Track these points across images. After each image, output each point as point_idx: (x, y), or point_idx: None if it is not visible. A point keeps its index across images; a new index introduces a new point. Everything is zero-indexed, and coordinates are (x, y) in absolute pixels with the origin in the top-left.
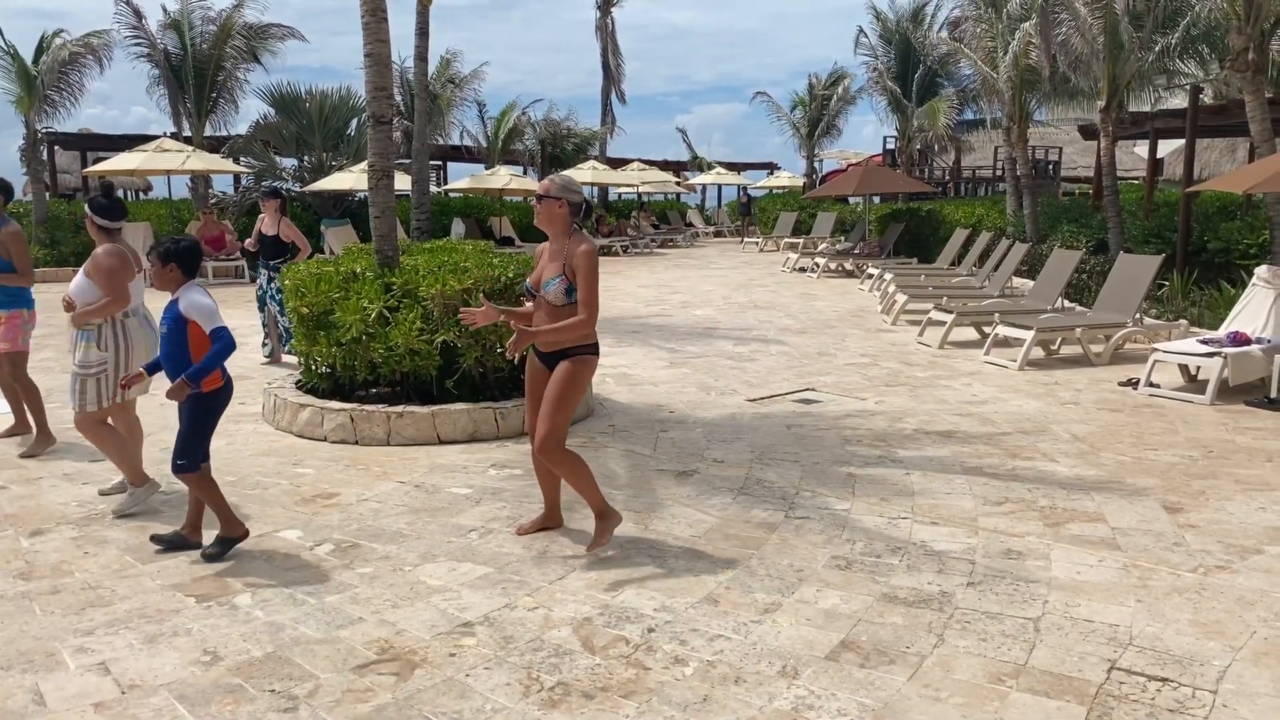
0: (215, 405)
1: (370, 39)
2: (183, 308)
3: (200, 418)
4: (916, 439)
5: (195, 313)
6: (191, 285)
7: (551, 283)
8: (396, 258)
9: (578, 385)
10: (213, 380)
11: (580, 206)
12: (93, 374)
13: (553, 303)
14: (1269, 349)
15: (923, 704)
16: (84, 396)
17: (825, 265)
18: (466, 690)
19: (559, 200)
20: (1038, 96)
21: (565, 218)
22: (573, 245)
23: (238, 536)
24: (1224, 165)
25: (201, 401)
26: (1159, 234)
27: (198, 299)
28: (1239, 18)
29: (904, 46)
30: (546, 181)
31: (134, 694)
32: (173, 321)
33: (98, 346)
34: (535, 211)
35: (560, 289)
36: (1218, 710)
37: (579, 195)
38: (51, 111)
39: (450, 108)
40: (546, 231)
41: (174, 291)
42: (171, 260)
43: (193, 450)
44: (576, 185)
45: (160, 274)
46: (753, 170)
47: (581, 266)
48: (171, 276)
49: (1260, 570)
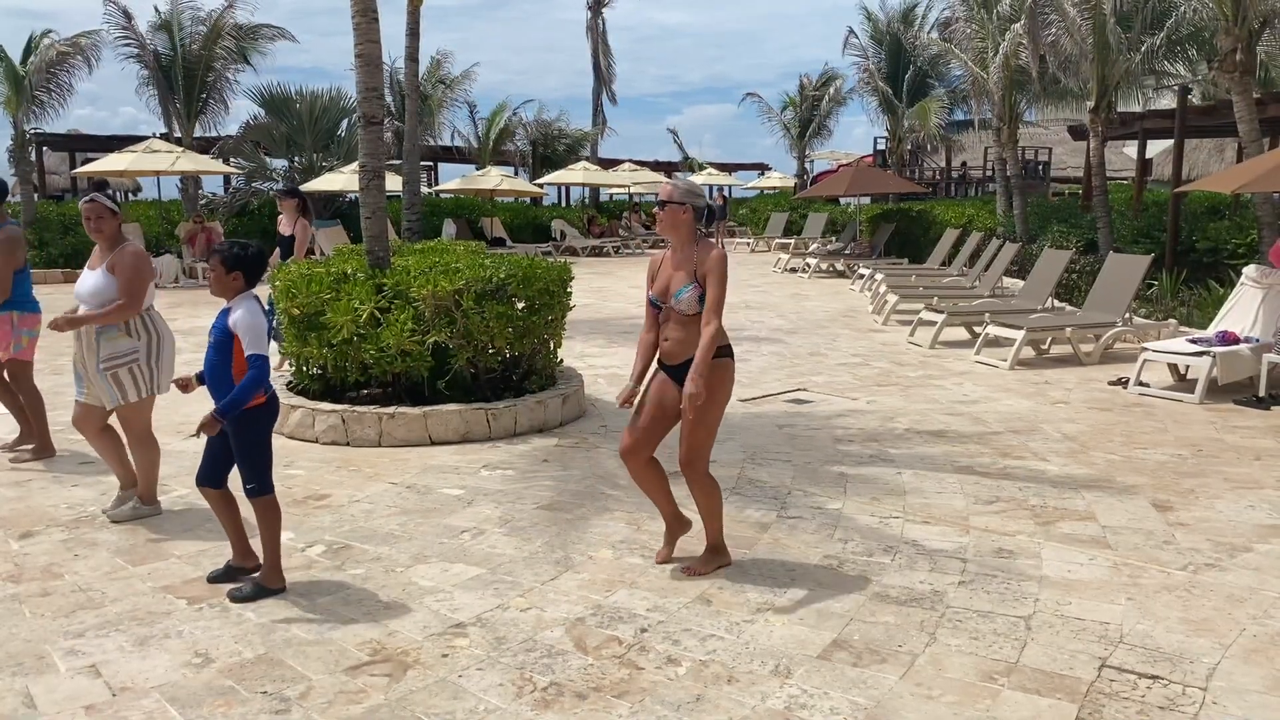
0: (261, 421)
1: (361, 39)
2: (232, 321)
3: (251, 436)
4: (908, 438)
5: (242, 329)
6: (248, 296)
7: (684, 291)
8: (388, 258)
9: (716, 396)
10: (255, 397)
11: (704, 211)
12: (124, 363)
13: (685, 311)
14: (1257, 348)
15: (915, 702)
16: (123, 389)
17: (816, 265)
18: (459, 691)
19: (683, 206)
20: (1028, 97)
21: (690, 224)
22: (702, 252)
23: (275, 590)
24: (1212, 165)
25: (244, 420)
26: (1148, 234)
27: (250, 316)
28: (1227, 18)
29: (895, 47)
30: (669, 186)
31: (125, 696)
32: (220, 333)
33: (127, 334)
34: (658, 218)
35: (694, 296)
36: (1208, 707)
37: (703, 200)
38: (40, 112)
39: (441, 108)
40: (669, 238)
41: (230, 300)
42: (238, 268)
43: (258, 471)
44: (699, 189)
45: (221, 280)
46: (744, 171)
47: (715, 271)
48: (234, 285)
49: (1249, 568)
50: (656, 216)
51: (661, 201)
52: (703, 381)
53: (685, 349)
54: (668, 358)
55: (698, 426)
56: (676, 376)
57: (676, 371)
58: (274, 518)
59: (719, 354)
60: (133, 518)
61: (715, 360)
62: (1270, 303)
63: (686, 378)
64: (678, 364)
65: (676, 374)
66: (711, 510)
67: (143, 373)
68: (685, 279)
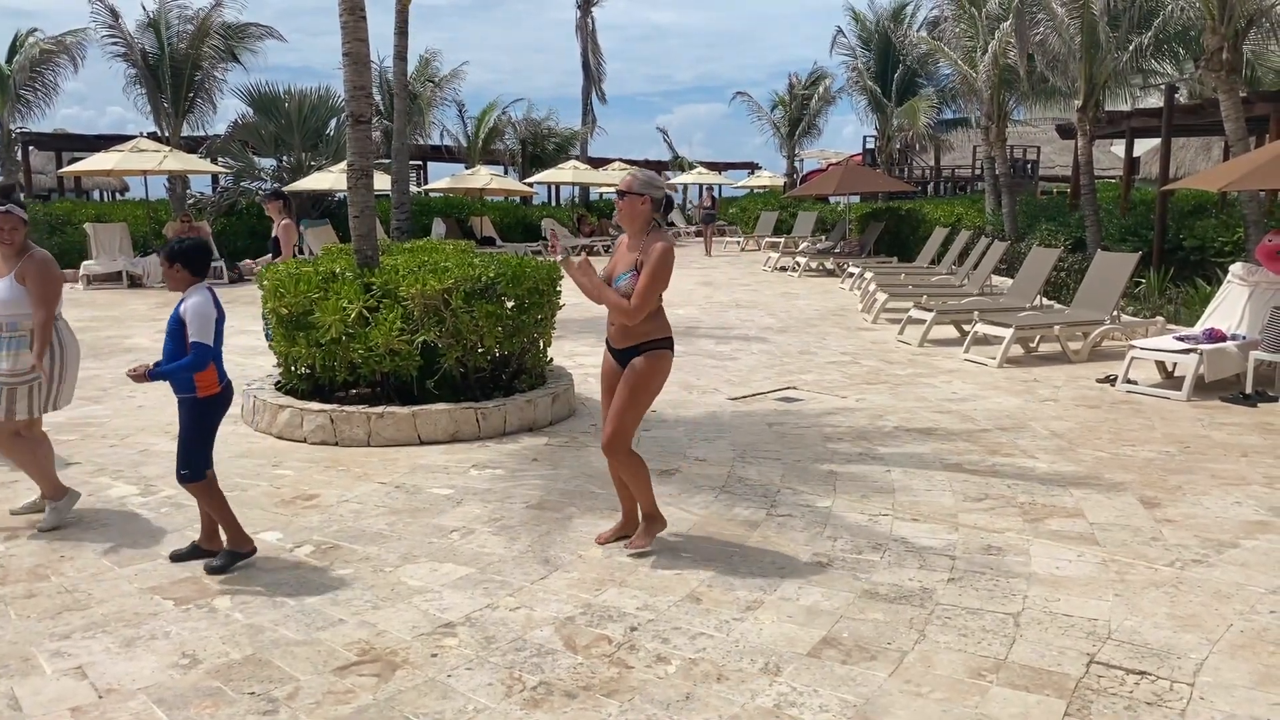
0: (211, 412)
1: (349, 38)
2: (183, 309)
3: (197, 424)
4: (897, 436)
5: (190, 316)
6: (201, 287)
7: (623, 278)
8: (376, 258)
9: (649, 384)
10: (209, 386)
11: (662, 202)
12: (25, 381)
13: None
14: (1244, 345)
15: (904, 699)
16: (13, 404)
17: (806, 264)
18: (448, 691)
19: (641, 196)
20: (1016, 96)
21: (647, 214)
22: (649, 242)
23: (246, 552)
24: (1199, 164)
25: (196, 408)
26: (1135, 232)
27: (201, 304)
28: (1213, 18)
29: (883, 46)
30: (629, 177)
31: (111, 698)
32: (174, 323)
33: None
34: (617, 207)
35: (631, 284)
36: (1195, 702)
37: (661, 191)
38: (25, 111)
39: (430, 107)
40: (626, 228)
41: (183, 291)
42: (177, 260)
43: (194, 458)
44: (659, 181)
45: (168, 273)
46: (734, 170)
47: (650, 260)
48: (179, 277)
49: (1236, 564)
50: (616, 206)
51: (621, 191)
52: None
53: (627, 335)
54: (613, 340)
55: (629, 409)
56: (620, 360)
57: (620, 355)
58: (215, 498)
59: (659, 345)
60: (58, 519)
61: (654, 351)
62: (1256, 300)
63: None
64: (621, 348)
65: (620, 357)
66: (640, 485)
67: (39, 392)
68: (628, 266)
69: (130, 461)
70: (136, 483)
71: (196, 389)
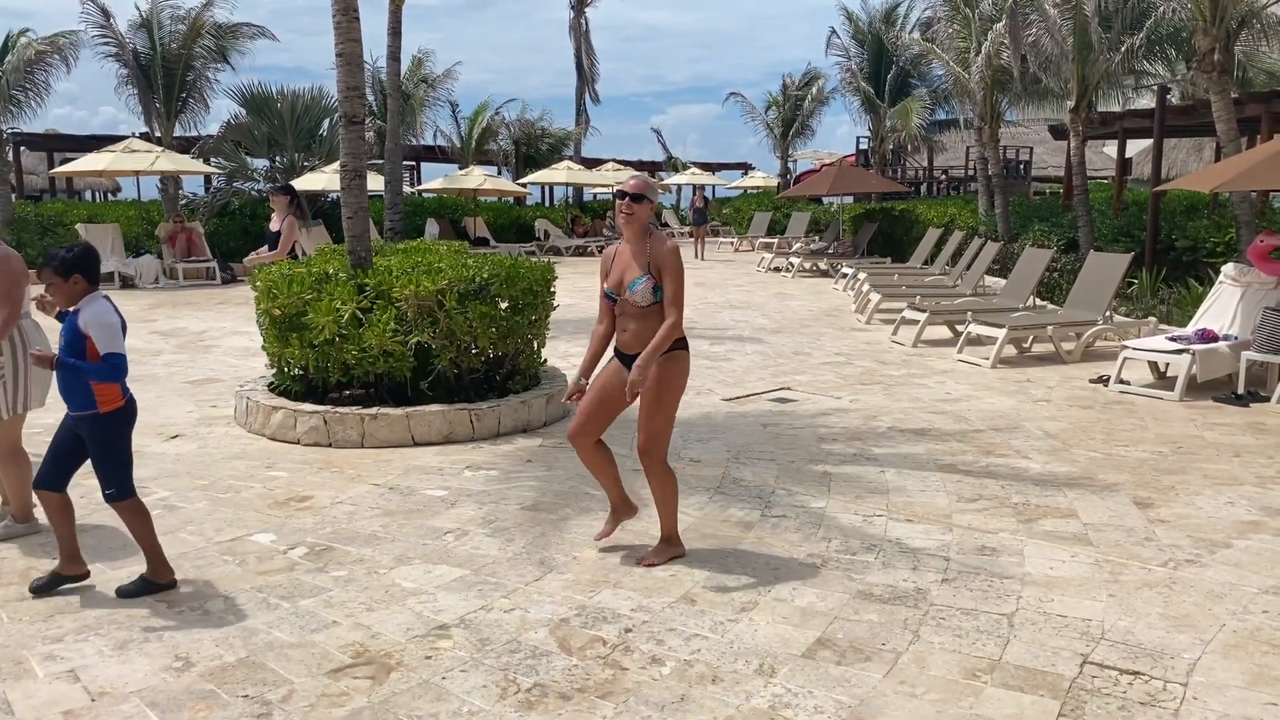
0: (117, 426)
1: (342, 38)
2: (82, 321)
3: (106, 443)
4: (891, 437)
5: (95, 329)
6: (96, 296)
7: (638, 283)
8: (370, 258)
9: (673, 385)
10: (111, 400)
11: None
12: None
13: (639, 303)
14: (1236, 346)
15: (899, 700)
16: None
17: (800, 265)
18: (443, 693)
19: (650, 202)
20: (1009, 97)
21: (646, 218)
22: (655, 244)
23: (164, 584)
24: (1191, 165)
25: (99, 425)
26: (1128, 232)
27: (102, 314)
28: (1205, 19)
29: (876, 47)
30: (638, 181)
31: (104, 701)
32: (70, 334)
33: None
34: (621, 210)
35: (648, 288)
36: (1188, 702)
37: (659, 195)
38: (17, 111)
39: (423, 108)
40: (628, 231)
41: (76, 303)
42: (75, 271)
43: (116, 476)
44: (656, 185)
45: (62, 289)
46: (727, 170)
47: (669, 264)
48: (77, 289)
49: (1229, 564)
50: (619, 209)
51: (633, 195)
52: (649, 371)
53: (642, 340)
54: (625, 348)
55: (655, 414)
56: (629, 364)
57: (629, 359)
58: (142, 520)
59: (675, 346)
60: (4, 537)
61: (672, 352)
62: (1248, 300)
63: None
64: (635, 354)
65: (629, 361)
66: (666, 501)
67: (6, 391)
68: (639, 271)
69: None
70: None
71: (97, 404)
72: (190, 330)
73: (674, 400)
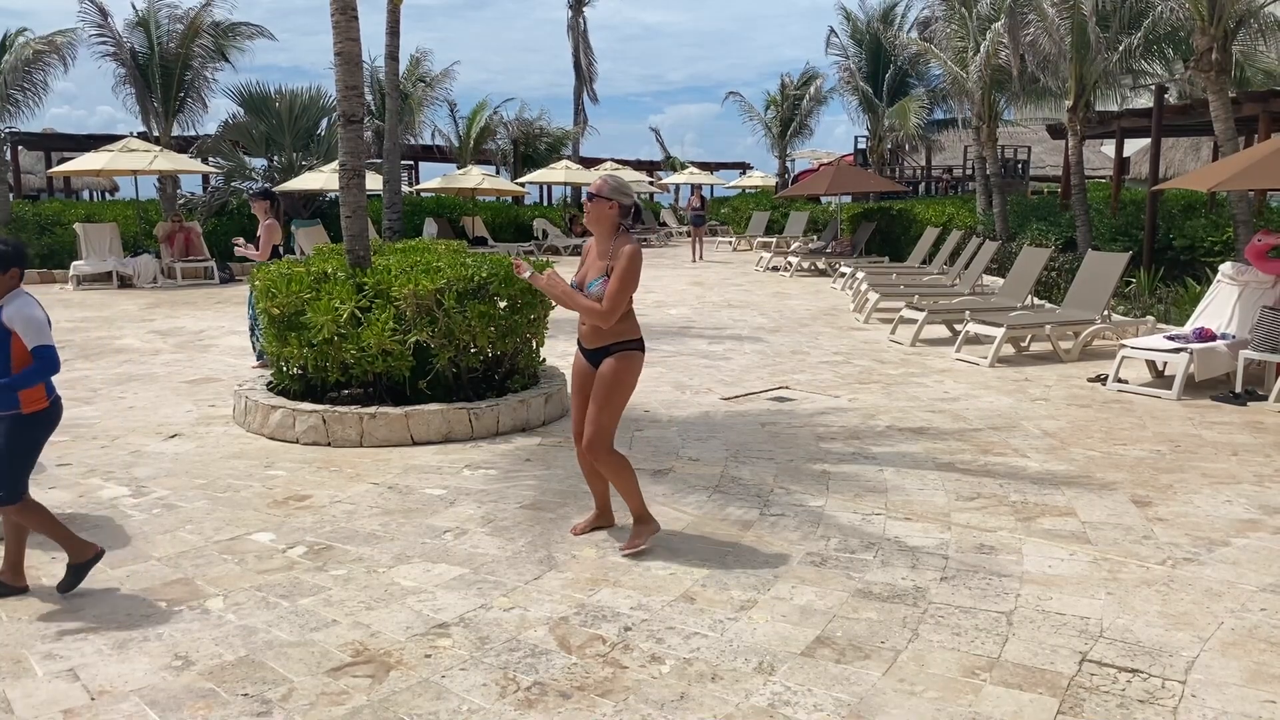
0: (37, 428)
1: (340, 37)
2: (6, 317)
3: (20, 442)
4: (889, 436)
5: (20, 324)
6: (20, 292)
7: (595, 283)
8: (368, 258)
9: (623, 384)
10: (35, 400)
11: (630, 209)
12: None
13: None
14: (1234, 345)
15: (898, 698)
16: None
17: (798, 264)
18: (443, 691)
19: (610, 201)
20: (1006, 96)
21: (614, 219)
22: (617, 245)
23: (88, 559)
24: (1189, 164)
25: (19, 425)
26: (1126, 232)
27: (27, 309)
28: (1203, 19)
29: (875, 47)
30: (599, 181)
31: (103, 700)
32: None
33: None
34: (585, 210)
35: (603, 289)
36: (1187, 700)
37: (630, 198)
38: (15, 111)
39: (421, 107)
40: (594, 231)
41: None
42: (13, 265)
43: (11, 479)
44: (628, 188)
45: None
46: (725, 170)
47: (619, 264)
48: (10, 283)
49: (1227, 562)
50: (584, 209)
51: (590, 194)
52: (550, 291)
53: (599, 335)
54: (585, 340)
55: (604, 409)
56: (592, 360)
57: (592, 355)
58: (39, 517)
59: (629, 346)
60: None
61: (625, 351)
62: (1246, 299)
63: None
64: (593, 348)
65: (592, 357)
66: (625, 484)
67: None
68: (600, 272)
69: (122, 463)
70: (128, 484)
71: (20, 405)
72: (188, 329)
73: (624, 398)
